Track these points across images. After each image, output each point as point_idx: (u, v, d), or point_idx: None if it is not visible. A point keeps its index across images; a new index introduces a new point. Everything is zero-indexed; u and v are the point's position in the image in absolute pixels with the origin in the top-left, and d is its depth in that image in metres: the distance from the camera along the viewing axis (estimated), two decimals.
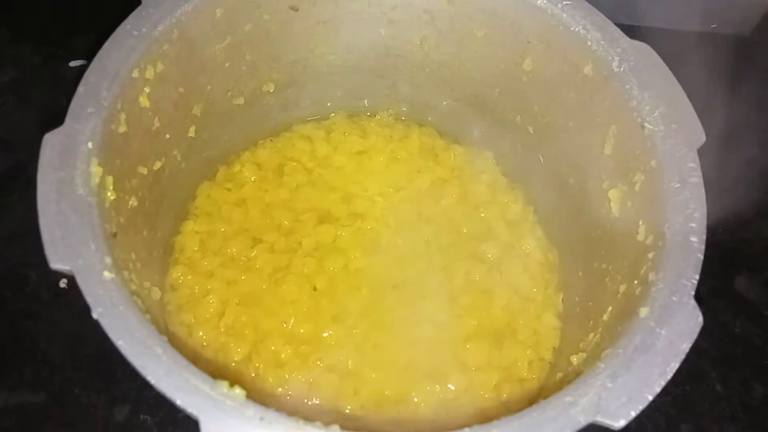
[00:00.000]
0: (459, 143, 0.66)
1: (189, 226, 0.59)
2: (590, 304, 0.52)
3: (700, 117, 0.47)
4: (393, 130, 0.66)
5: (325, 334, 0.55)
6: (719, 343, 0.65)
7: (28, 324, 0.60)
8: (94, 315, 0.37)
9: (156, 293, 0.53)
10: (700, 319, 0.40)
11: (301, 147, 0.64)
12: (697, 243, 0.43)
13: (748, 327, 0.66)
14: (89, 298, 0.37)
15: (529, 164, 0.61)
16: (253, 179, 0.62)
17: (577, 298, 0.56)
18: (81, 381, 0.58)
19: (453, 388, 0.53)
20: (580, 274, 0.56)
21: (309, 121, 0.66)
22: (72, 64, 0.76)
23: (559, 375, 0.50)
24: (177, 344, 0.52)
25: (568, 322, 0.56)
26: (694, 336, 0.39)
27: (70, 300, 0.60)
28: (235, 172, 0.63)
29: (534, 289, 0.59)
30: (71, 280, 0.38)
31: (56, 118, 0.44)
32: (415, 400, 0.53)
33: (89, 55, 0.47)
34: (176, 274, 0.57)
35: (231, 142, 0.63)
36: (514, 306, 0.58)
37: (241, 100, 0.60)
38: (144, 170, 0.51)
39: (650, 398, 0.37)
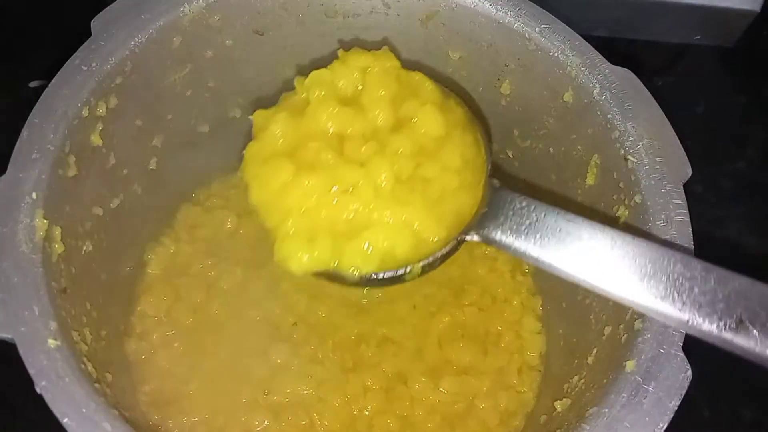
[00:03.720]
0: None
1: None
2: (574, 340, 0.50)
3: (681, 130, 0.46)
4: None
5: None
6: (706, 367, 0.63)
7: None
8: (38, 389, 0.34)
9: (116, 339, 0.50)
10: (689, 372, 0.38)
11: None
12: None
13: None
14: (32, 371, 0.35)
15: None
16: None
17: (560, 331, 0.54)
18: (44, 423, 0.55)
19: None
20: (564, 305, 0.54)
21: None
22: (32, 84, 0.73)
23: (543, 418, 0.48)
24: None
25: (552, 358, 0.54)
26: (683, 391, 0.37)
27: None
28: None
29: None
30: None
31: (11, 146, 0.42)
32: None
33: (51, 76, 0.44)
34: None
35: (198, 170, 0.60)
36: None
37: (205, 128, 0.57)
38: (99, 211, 0.48)
39: None
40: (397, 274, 0.43)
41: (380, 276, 0.43)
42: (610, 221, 0.46)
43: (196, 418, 0.51)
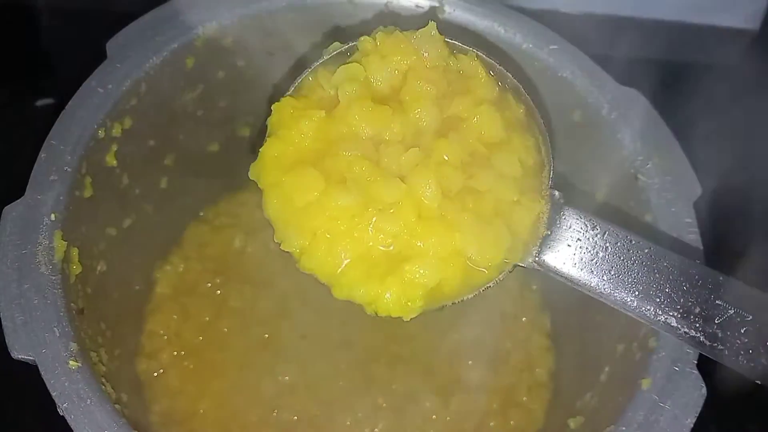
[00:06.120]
0: None
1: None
2: (585, 357, 0.51)
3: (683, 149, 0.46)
4: None
5: None
6: (713, 383, 0.63)
7: None
8: (60, 411, 0.34)
9: (128, 358, 0.50)
10: (704, 390, 0.39)
11: None
12: None
13: None
14: (54, 393, 0.35)
15: None
16: None
17: (570, 348, 0.55)
18: None
19: None
20: (574, 322, 0.54)
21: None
22: (39, 103, 0.73)
23: None
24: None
25: (562, 376, 0.54)
26: (698, 409, 0.38)
27: None
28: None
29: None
30: None
31: (22, 166, 0.42)
32: None
33: (57, 94, 0.44)
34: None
35: (207, 189, 0.60)
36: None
37: (215, 147, 0.58)
38: (113, 231, 0.48)
39: None
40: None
41: None
42: None
43: None
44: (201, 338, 0.55)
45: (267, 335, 0.55)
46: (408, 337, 0.56)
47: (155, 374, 0.53)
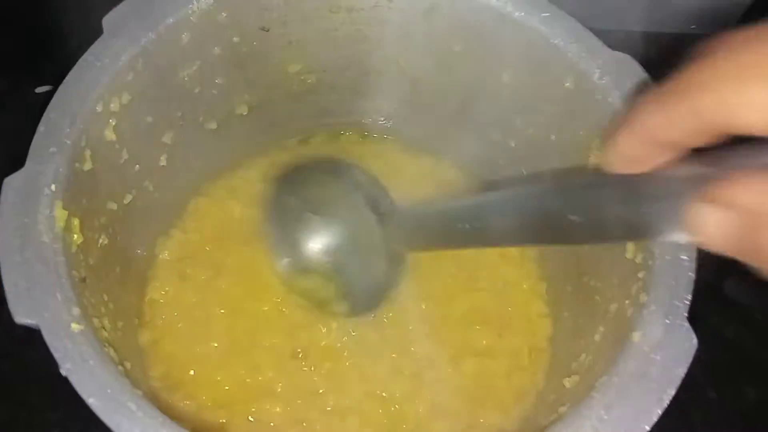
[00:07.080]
0: (439, 158, 0.65)
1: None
2: (580, 321, 0.51)
3: None
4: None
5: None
6: (710, 348, 0.63)
7: (3, 365, 0.58)
8: (63, 372, 0.35)
9: (131, 330, 0.51)
10: (695, 341, 0.39)
11: None
12: (687, 261, 0.41)
13: (739, 331, 0.65)
14: (57, 354, 0.36)
15: (513, 179, 0.59)
16: None
17: (566, 314, 0.55)
18: (60, 421, 0.56)
19: None
20: (569, 289, 0.55)
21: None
22: (38, 90, 0.74)
23: (552, 397, 0.49)
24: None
25: (559, 340, 0.55)
26: (689, 359, 0.39)
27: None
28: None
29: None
30: None
31: (22, 148, 0.43)
32: None
33: (57, 81, 0.45)
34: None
35: (206, 166, 0.61)
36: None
37: (213, 125, 0.58)
38: (114, 206, 0.49)
39: (647, 428, 0.36)
40: None
41: None
42: None
43: (206, 401, 0.52)
44: (196, 299, 0.56)
45: (269, 296, 0.56)
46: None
47: (154, 340, 0.54)
